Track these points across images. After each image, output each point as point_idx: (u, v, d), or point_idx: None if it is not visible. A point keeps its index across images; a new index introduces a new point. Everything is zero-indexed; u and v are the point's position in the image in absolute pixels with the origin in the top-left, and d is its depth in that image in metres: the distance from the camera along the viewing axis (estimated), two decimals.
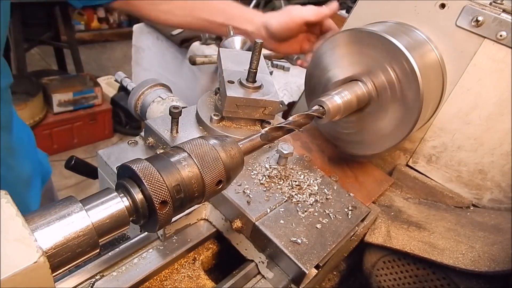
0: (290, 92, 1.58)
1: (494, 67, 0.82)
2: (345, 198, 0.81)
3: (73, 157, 1.20)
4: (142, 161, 0.45)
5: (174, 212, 0.46)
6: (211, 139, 0.51)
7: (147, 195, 0.44)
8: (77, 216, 0.39)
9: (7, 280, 0.32)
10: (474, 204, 0.93)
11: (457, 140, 0.91)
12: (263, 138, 0.58)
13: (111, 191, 0.44)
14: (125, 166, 0.45)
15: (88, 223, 0.40)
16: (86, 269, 0.65)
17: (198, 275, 0.72)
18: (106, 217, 0.42)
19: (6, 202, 0.37)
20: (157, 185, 0.44)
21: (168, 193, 0.44)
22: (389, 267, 0.86)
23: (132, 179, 0.45)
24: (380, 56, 0.78)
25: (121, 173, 0.47)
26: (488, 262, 0.72)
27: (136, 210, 0.44)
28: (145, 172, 0.44)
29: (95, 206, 0.42)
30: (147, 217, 0.46)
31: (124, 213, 0.43)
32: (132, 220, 0.45)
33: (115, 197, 0.43)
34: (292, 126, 0.64)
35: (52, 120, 3.33)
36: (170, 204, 0.45)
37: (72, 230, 0.38)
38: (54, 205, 0.40)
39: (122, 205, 0.43)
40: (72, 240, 0.38)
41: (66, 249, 0.38)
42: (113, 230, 0.43)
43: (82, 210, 0.40)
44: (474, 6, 0.81)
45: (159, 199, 0.43)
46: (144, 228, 0.48)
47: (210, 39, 1.79)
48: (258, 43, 0.80)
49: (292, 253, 0.66)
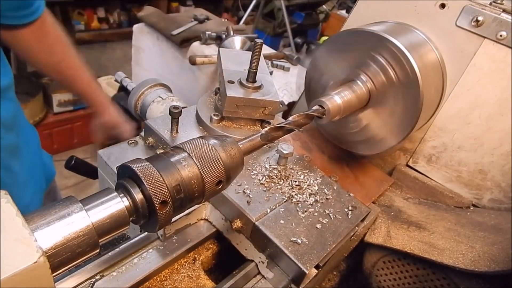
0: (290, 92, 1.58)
1: (494, 67, 0.82)
2: (345, 198, 0.81)
3: (73, 157, 1.20)
4: (142, 161, 0.45)
5: (174, 212, 0.46)
6: (211, 139, 0.51)
7: (147, 195, 0.43)
8: (77, 216, 0.39)
9: (7, 280, 0.32)
10: (474, 204, 0.93)
11: (457, 140, 0.91)
12: (263, 138, 0.58)
13: (111, 191, 0.44)
14: (125, 166, 0.45)
15: (88, 223, 0.40)
16: (86, 269, 0.65)
17: (198, 275, 0.72)
18: (106, 217, 0.42)
19: (6, 202, 0.37)
20: (157, 185, 0.44)
21: (168, 193, 0.44)
22: (389, 267, 0.86)
23: (132, 179, 0.45)
24: (380, 56, 0.78)
25: (121, 173, 0.47)
26: (488, 262, 0.72)
27: (136, 210, 0.44)
28: (145, 172, 0.44)
29: (95, 206, 0.42)
30: (147, 217, 0.45)
31: (124, 213, 0.43)
32: (132, 220, 0.45)
33: (115, 197, 0.43)
34: (292, 126, 0.64)
35: (52, 120, 3.32)
36: (170, 204, 0.45)
37: (72, 230, 0.38)
38: (54, 205, 0.40)
39: (122, 205, 0.43)
40: (72, 240, 0.38)
41: (66, 249, 0.38)
42: (113, 230, 0.43)
43: (82, 210, 0.40)
44: (474, 6, 0.81)
45: (159, 199, 0.43)
46: (144, 228, 0.48)
47: (210, 39, 1.79)
48: (258, 43, 0.80)
49: (292, 253, 0.66)
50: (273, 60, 1.79)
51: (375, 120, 0.84)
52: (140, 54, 2.18)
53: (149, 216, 0.45)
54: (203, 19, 2.02)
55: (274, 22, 4.51)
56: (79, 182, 3.25)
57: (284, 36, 4.57)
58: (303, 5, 4.55)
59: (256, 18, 4.61)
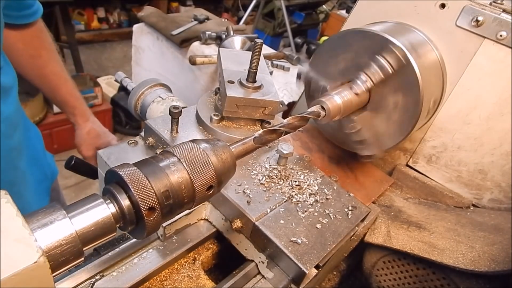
0: (290, 92, 1.58)
1: (494, 67, 0.82)
2: (345, 198, 0.81)
3: (73, 157, 1.20)
4: (130, 166, 0.44)
5: (162, 219, 0.45)
6: (202, 143, 0.49)
7: (134, 202, 0.42)
8: (60, 224, 0.38)
9: (7, 280, 0.32)
10: (474, 204, 0.93)
11: (457, 140, 0.91)
12: (256, 142, 0.56)
13: (97, 197, 0.43)
14: (112, 171, 0.44)
15: (72, 231, 0.38)
16: (86, 269, 0.65)
17: (198, 275, 0.72)
18: (91, 225, 0.40)
19: (6, 202, 0.36)
20: (145, 191, 0.42)
21: (156, 200, 0.43)
22: (389, 267, 0.86)
23: (119, 184, 0.43)
24: (380, 56, 0.78)
25: (108, 178, 0.45)
26: (488, 262, 0.72)
27: (123, 216, 0.43)
28: (132, 178, 0.42)
29: (79, 213, 0.40)
30: (135, 224, 0.44)
31: (110, 220, 0.42)
32: (119, 226, 0.44)
33: (101, 203, 0.42)
34: (286, 128, 0.63)
35: (52, 120, 3.32)
36: (158, 210, 0.43)
37: (54, 238, 0.37)
38: (37, 212, 0.38)
39: (108, 211, 0.42)
40: (54, 249, 0.37)
41: (48, 259, 0.36)
42: (99, 238, 0.41)
43: (66, 218, 0.39)
44: (474, 6, 0.81)
45: (146, 206, 0.42)
46: (132, 235, 0.47)
47: (210, 39, 1.79)
48: (258, 43, 0.80)
49: (292, 253, 0.66)
50: (273, 60, 1.79)
51: (375, 120, 0.84)
52: (140, 54, 2.18)
53: (136, 223, 0.44)
54: (203, 19, 2.02)
55: (274, 22, 4.51)
56: (79, 182, 3.25)
57: (284, 36, 4.57)
58: (303, 5, 4.55)
59: (256, 18, 4.61)
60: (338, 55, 0.85)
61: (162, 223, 0.45)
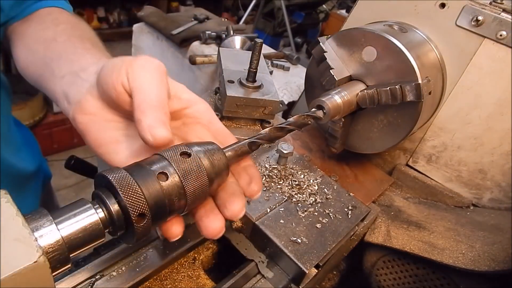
0: (290, 92, 1.58)
1: (494, 67, 0.82)
2: (345, 197, 0.81)
3: (73, 157, 1.20)
4: (120, 170, 0.43)
5: (153, 225, 0.44)
6: (194, 146, 0.48)
7: (124, 207, 0.41)
8: (46, 230, 0.37)
9: (7, 279, 0.32)
10: (474, 204, 0.93)
11: (457, 140, 0.91)
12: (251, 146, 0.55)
13: (85, 202, 0.42)
14: (101, 175, 0.42)
15: (58, 238, 0.37)
16: (86, 269, 0.65)
17: (198, 275, 0.72)
18: (78, 231, 0.39)
19: (6, 202, 0.36)
20: (135, 197, 0.41)
21: (146, 205, 0.42)
22: (389, 266, 0.86)
23: (108, 189, 0.42)
24: (380, 56, 0.78)
25: (97, 182, 0.44)
26: (488, 261, 0.72)
27: (112, 222, 0.42)
28: (121, 183, 0.41)
29: (66, 219, 0.39)
30: (124, 229, 0.43)
31: (99, 226, 0.41)
32: (108, 231, 0.43)
33: (89, 208, 0.41)
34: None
35: (52, 120, 3.33)
36: (148, 216, 0.42)
37: (40, 245, 0.36)
38: (24, 217, 0.37)
39: (97, 217, 0.41)
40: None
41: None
42: (87, 244, 0.40)
43: (52, 224, 0.38)
44: (474, 5, 0.81)
45: (136, 211, 0.41)
46: (122, 240, 0.46)
47: (210, 38, 1.79)
48: (258, 42, 0.80)
49: (292, 252, 0.66)
50: (273, 59, 1.79)
51: (375, 119, 0.84)
52: (140, 54, 2.18)
53: (126, 228, 0.43)
54: (203, 19, 2.02)
55: (274, 22, 4.51)
56: (79, 182, 3.25)
57: (284, 35, 4.57)
58: (303, 5, 4.55)
59: (256, 17, 4.61)
60: (337, 56, 0.84)
61: (152, 229, 0.44)
